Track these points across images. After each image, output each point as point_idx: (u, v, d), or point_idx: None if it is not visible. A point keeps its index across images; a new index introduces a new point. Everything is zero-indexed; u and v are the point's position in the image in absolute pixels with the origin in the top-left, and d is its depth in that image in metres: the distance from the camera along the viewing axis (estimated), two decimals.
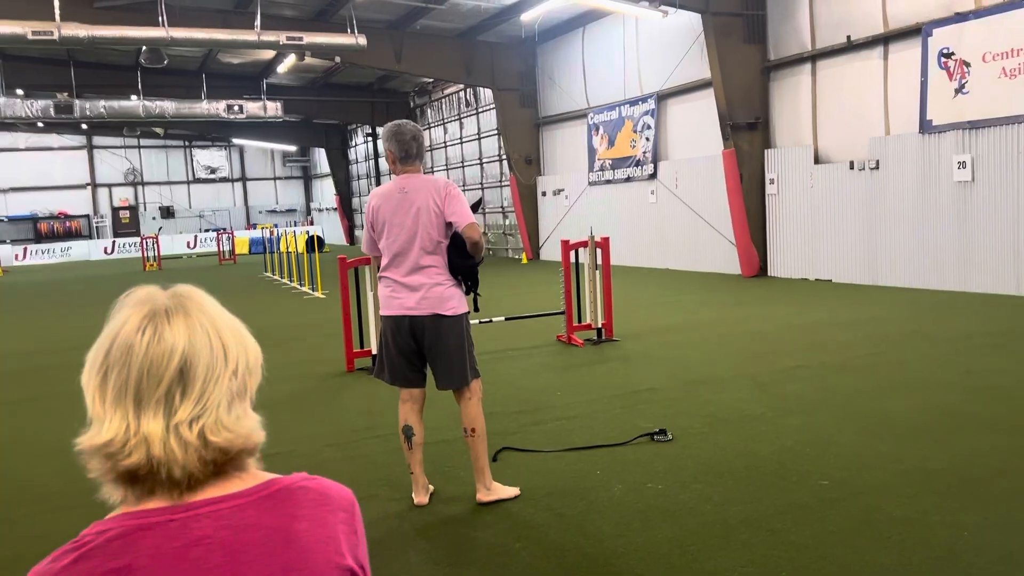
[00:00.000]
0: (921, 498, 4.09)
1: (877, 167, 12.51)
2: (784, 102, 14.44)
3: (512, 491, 4.43)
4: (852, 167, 12.95)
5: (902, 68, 12.16)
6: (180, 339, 1.08)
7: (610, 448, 5.19)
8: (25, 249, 35.91)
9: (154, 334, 1.07)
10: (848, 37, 12.89)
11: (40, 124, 31.27)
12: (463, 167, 26.83)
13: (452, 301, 4.27)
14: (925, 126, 11.64)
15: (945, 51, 11.24)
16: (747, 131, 14.51)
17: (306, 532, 1.11)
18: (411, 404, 4.40)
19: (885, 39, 12.38)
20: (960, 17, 11.04)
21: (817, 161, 13.78)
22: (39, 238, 37.99)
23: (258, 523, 1.09)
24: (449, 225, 4.23)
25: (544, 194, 22.05)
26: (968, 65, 10.97)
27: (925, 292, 11.55)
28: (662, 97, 17.22)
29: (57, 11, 15.20)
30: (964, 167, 11.16)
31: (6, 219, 37.80)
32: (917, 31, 11.69)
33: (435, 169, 29.03)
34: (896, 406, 5.81)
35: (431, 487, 4.53)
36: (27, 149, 37.95)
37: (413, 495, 4.43)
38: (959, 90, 11.12)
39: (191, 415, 1.06)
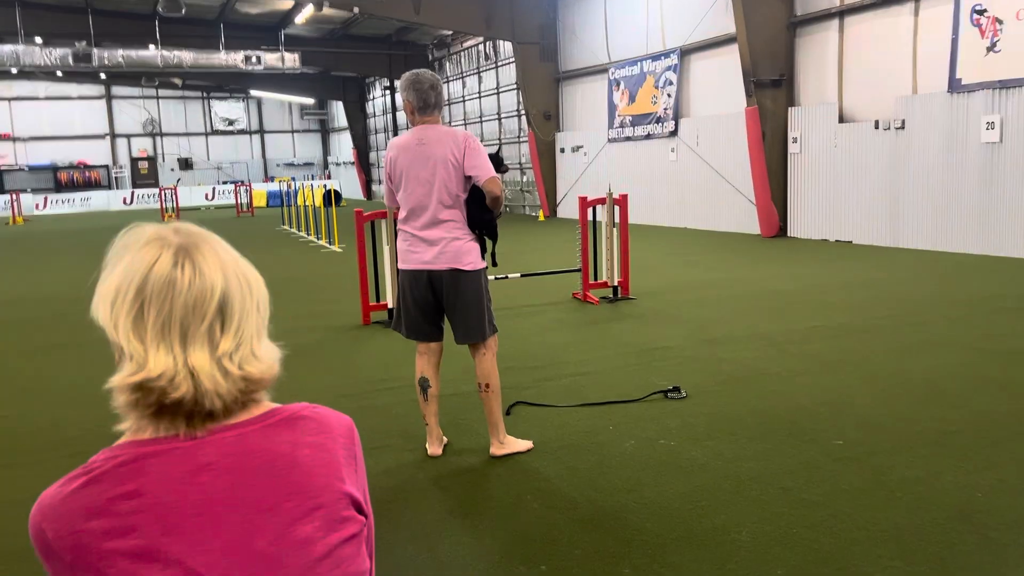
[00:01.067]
0: (935, 459, 4.07)
1: (903, 127, 12.28)
2: (810, 59, 14.15)
3: (525, 444, 4.45)
4: (877, 126, 12.72)
5: (933, 25, 11.85)
6: (218, 275, 1.12)
7: (623, 404, 5.20)
8: (45, 199, 36.16)
9: (194, 270, 1.10)
10: None
11: (59, 73, 31.26)
12: (481, 122, 26.60)
13: (470, 256, 4.22)
14: (954, 85, 11.38)
15: (978, 7, 10.94)
16: (771, 88, 14.25)
17: (308, 457, 1.15)
18: (428, 357, 4.41)
19: None
20: None
21: (842, 120, 13.54)
22: (59, 187, 38.22)
23: (263, 449, 1.13)
24: (468, 179, 4.17)
25: (563, 151, 21.86)
26: (1001, 22, 10.68)
27: (948, 255, 11.41)
28: (685, 52, 16.93)
29: None
30: (992, 128, 10.93)
31: (27, 168, 38.00)
32: None
33: (452, 123, 28.81)
34: (914, 367, 5.77)
35: (445, 439, 4.56)
36: (46, 98, 38.00)
37: (427, 446, 4.47)
38: (991, 48, 10.84)
39: (232, 347, 1.11)
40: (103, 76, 34.82)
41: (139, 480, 1.05)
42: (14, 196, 31.35)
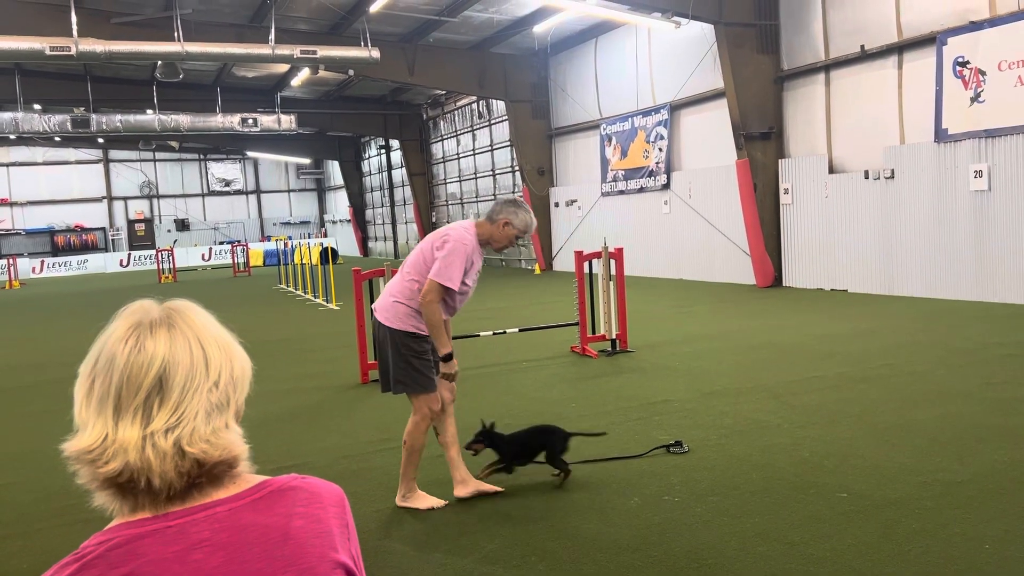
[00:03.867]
0: (942, 511, 4.04)
1: (892, 176, 12.44)
2: (798, 111, 14.40)
3: (434, 502, 4.57)
4: (867, 176, 12.89)
5: (917, 77, 12.10)
6: (160, 349, 1.10)
7: (625, 460, 5.16)
8: (43, 262, 36.22)
9: (136, 344, 1.10)
10: (862, 46, 12.86)
11: (57, 138, 31.63)
12: (476, 178, 26.89)
13: (398, 319, 4.50)
14: (941, 135, 11.57)
15: (960, 60, 11.19)
16: (761, 141, 14.47)
17: (301, 529, 1.13)
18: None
19: (900, 48, 12.33)
20: (975, 26, 10.98)
21: (832, 171, 13.72)
22: (56, 251, 38.33)
23: (255, 523, 1.11)
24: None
25: (557, 205, 22.06)
26: (984, 73, 10.91)
27: (942, 302, 11.45)
28: (675, 107, 17.22)
29: (75, 27, 15.38)
30: (980, 176, 11.08)
31: (24, 232, 38.15)
32: (932, 40, 11.64)
33: (447, 181, 29.12)
34: (915, 417, 5.75)
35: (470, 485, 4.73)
36: (44, 163, 38.37)
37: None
38: (975, 99, 11.05)
39: (167, 424, 1.07)
40: (101, 140, 35.21)
41: (132, 563, 1.04)
42: (11, 260, 31.42)
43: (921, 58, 11.99)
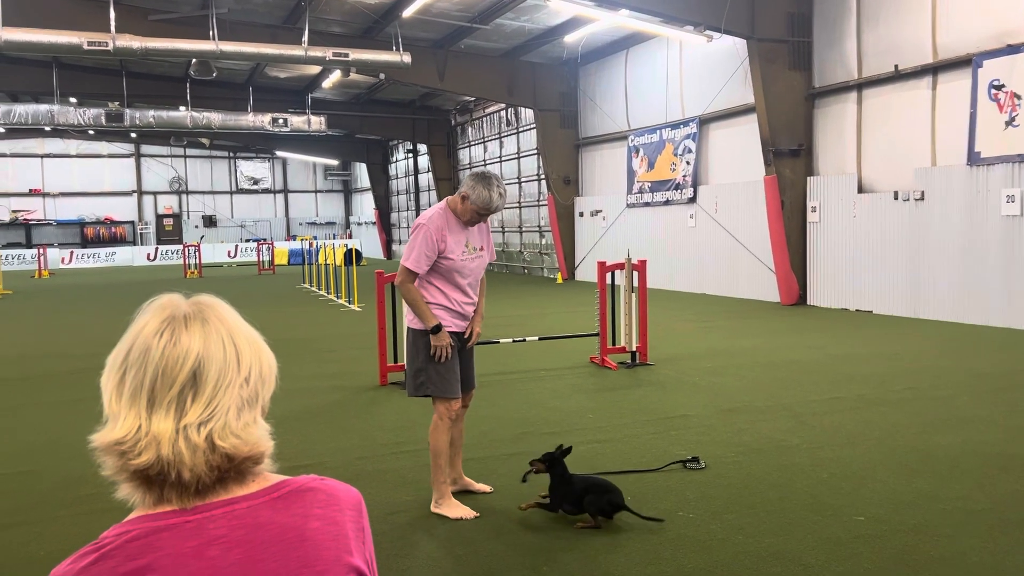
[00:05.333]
0: (960, 539, 3.98)
1: (922, 198, 12.31)
2: (828, 129, 14.30)
3: (463, 512, 4.53)
4: (896, 197, 12.76)
5: (951, 99, 11.98)
6: (195, 344, 1.11)
7: (641, 474, 5.14)
8: (72, 253, 36.74)
9: (171, 338, 1.11)
10: (896, 66, 12.75)
11: (91, 132, 32.11)
12: None
13: (409, 313, 4.63)
14: (973, 158, 11.44)
15: (996, 83, 11.06)
16: (790, 158, 14.39)
17: (318, 531, 1.14)
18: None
19: (934, 69, 12.21)
20: (1012, 49, 10.86)
21: (860, 190, 13.60)
22: (85, 242, 38.86)
23: (272, 522, 1.12)
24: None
25: (581, 215, 22.05)
26: (1019, 98, 10.78)
27: (968, 327, 11.30)
28: (704, 121, 17.16)
29: (113, 23, 15.62)
30: (1013, 201, 10.94)
31: (55, 223, 38.73)
32: (967, 62, 11.52)
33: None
34: (936, 442, 5.68)
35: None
36: (77, 156, 38.95)
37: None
38: (1009, 123, 10.92)
39: (200, 418, 1.09)
40: (133, 135, 35.70)
41: (150, 555, 1.05)
42: (41, 250, 31.88)
43: (956, 80, 11.87)
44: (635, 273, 9.07)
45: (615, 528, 4.24)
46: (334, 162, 41.73)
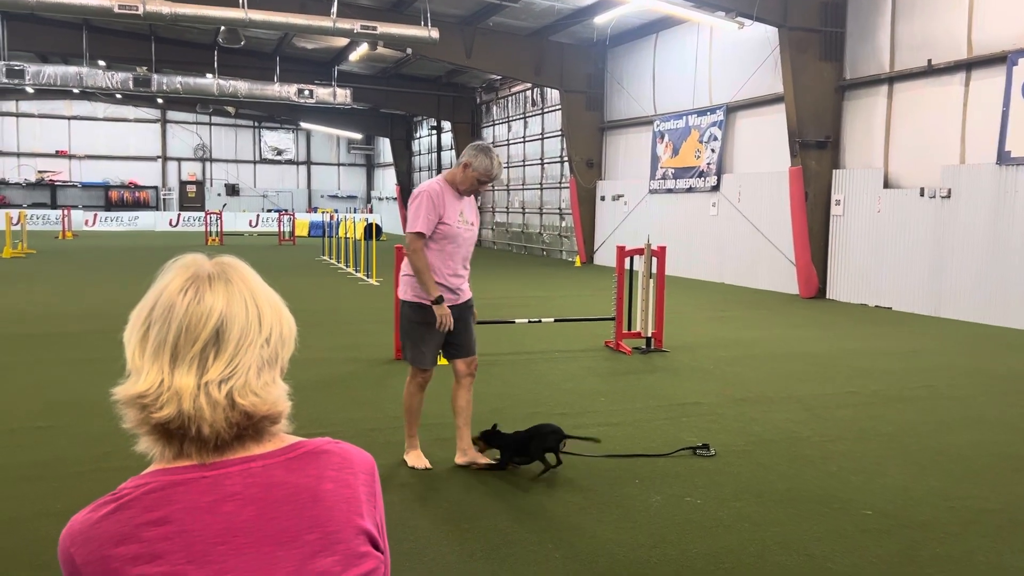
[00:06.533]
0: (968, 538, 3.97)
1: (949, 196, 12.16)
2: (856, 123, 14.13)
3: (419, 463, 4.94)
4: (923, 194, 12.62)
5: (983, 96, 11.79)
6: (219, 302, 1.14)
7: (651, 458, 5.15)
8: (95, 215, 37.10)
9: (195, 295, 1.13)
10: (929, 61, 12.56)
11: (118, 96, 32.28)
12: (524, 166, 26.86)
13: (404, 290, 4.93)
14: (1003, 157, 11.27)
15: None
16: (816, 149, 14.24)
17: (331, 492, 1.16)
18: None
19: (968, 65, 12.02)
20: None
21: (887, 185, 13.45)
22: (109, 206, 39.18)
23: (286, 482, 1.14)
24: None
25: (603, 198, 21.96)
26: None
27: (990, 328, 11.19)
28: (731, 109, 17.00)
29: None
30: None
31: (80, 185, 39.06)
32: (1002, 59, 11.33)
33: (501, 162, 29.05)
34: (950, 441, 5.65)
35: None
36: (104, 119, 39.20)
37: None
38: None
39: (221, 375, 1.11)
40: (160, 101, 35.85)
41: (167, 508, 1.08)
42: (66, 211, 32.19)
43: (989, 77, 11.68)
44: (654, 259, 9.04)
45: (621, 511, 4.26)
46: (358, 136, 41.73)
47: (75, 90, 26.21)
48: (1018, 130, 11.07)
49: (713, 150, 17.46)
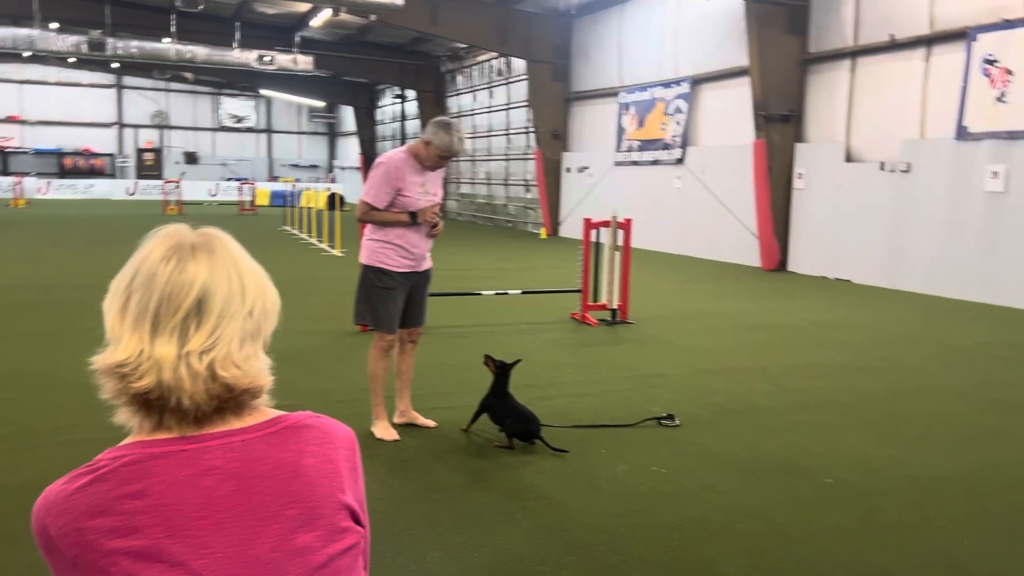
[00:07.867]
0: (925, 504, 4.08)
1: (908, 170, 12.36)
2: (820, 96, 14.25)
3: (387, 435, 4.94)
4: (882, 168, 12.80)
5: (943, 72, 11.95)
6: (202, 272, 1.12)
7: (616, 428, 5.21)
8: (49, 183, 36.17)
9: (178, 264, 1.12)
10: (892, 35, 12.68)
11: (71, 60, 31.32)
12: (489, 136, 26.70)
13: (366, 254, 4.95)
14: (961, 132, 11.46)
15: (989, 57, 11.04)
16: (780, 123, 14.34)
17: (312, 468, 1.15)
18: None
19: (929, 40, 12.16)
20: (1008, 24, 10.82)
21: (848, 159, 13.62)
22: (63, 173, 38.23)
23: (267, 456, 1.13)
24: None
25: (568, 170, 21.94)
26: (1011, 74, 10.77)
27: (946, 300, 11.45)
28: (697, 81, 17.03)
29: None
30: (997, 177, 11.01)
31: (32, 151, 38.01)
32: (962, 35, 11.48)
33: (463, 137, 28.85)
34: (907, 411, 5.79)
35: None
36: (57, 84, 38.08)
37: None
38: (999, 99, 10.93)
39: (203, 346, 1.09)
40: (115, 65, 34.91)
41: (144, 481, 1.06)
42: (18, 179, 31.31)
43: (949, 52, 11.83)
44: (620, 232, 9.07)
45: (588, 481, 4.31)
46: (320, 104, 41.11)
47: (26, 53, 25.41)
48: (976, 106, 11.25)
49: (678, 123, 17.50)
